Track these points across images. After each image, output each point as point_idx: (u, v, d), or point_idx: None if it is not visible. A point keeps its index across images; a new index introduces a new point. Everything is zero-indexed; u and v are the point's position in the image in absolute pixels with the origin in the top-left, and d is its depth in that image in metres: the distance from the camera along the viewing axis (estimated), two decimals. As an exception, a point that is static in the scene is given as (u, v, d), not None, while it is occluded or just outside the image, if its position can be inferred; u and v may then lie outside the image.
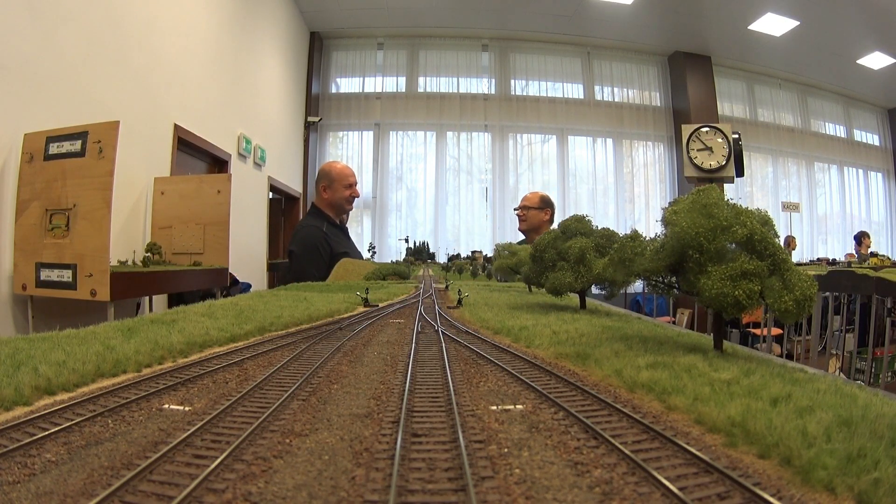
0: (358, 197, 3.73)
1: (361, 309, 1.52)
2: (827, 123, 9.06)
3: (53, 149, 2.91)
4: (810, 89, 8.82)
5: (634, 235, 1.01)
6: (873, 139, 9.35)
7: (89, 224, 2.80)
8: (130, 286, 3.03)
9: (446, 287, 2.23)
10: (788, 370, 0.95)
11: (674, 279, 1.12)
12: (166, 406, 0.70)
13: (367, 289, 1.60)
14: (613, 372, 0.79)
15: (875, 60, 8.05)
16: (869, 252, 7.23)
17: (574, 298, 1.68)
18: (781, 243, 1.09)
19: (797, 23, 7.30)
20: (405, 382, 0.70)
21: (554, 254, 1.47)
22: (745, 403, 0.69)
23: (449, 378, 0.72)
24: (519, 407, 0.62)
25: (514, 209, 4.23)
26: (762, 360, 1.05)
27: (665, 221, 0.99)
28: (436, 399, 0.64)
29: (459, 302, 1.56)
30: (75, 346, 1.01)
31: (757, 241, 1.04)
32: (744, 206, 1.09)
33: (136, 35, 3.77)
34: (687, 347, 1.04)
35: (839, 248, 8.48)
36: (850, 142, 9.10)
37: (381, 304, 1.60)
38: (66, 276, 2.83)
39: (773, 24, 7.35)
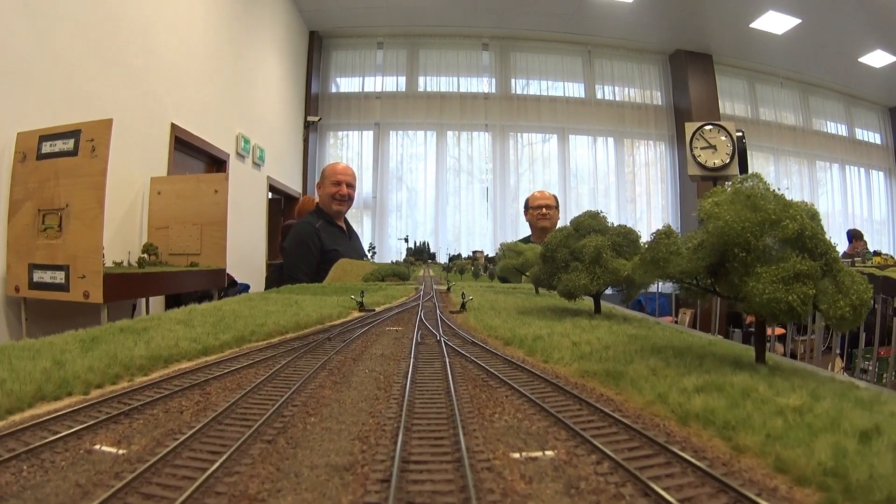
0: (345, 195, 3.59)
1: (356, 314, 1.37)
2: (828, 122, 8.89)
3: (46, 148, 2.84)
4: (812, 88, 8.65)
5: (668, 231, 0.85)
6: (875, 138, 9.18)
7: (82, 224, 2.72)
8: (124, 288, 2.93)
9: (448, 289, 2.07)
10: (843, 385, 0.81)
11: (709, 282, 0.96)
12: (97, 447, 0.54)
13: (363, 292, 1.45)
14: (656, 397, 0.64)
15: (876, 59, 7.90)
16: (873, 251, 7.07)
17: (585, 301, 1.53)
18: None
19: (799, 21, 7.15)
20: (400, 414, 0.54)
21: (567, 253, 1.32)
22: (832, 442, 0.53)
23: (455, 408, 0.56)
24: (549, 454, 0.46)
25: (534, 209, 4.03)
26: (809, 374, 0.90)
27: (704, 215, 0.84)
28: (439, 442, 0.49)
29: (463, 306, 1.41)
30: (24, 361, 0.86)
31: (808, 237, 0.89)
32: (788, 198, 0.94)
33: (132, 34, 3.66)
34: (729, 361, 0.88)
35: (840, 248, 8.30)
36: (852, 140, 8.93)
37: (377, 309, 1.44)
38: (59, 277, 2.74)
39: (775, 22, 7.20)
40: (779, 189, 0.92)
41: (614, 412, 0.58)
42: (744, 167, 5.22)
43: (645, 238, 1.47)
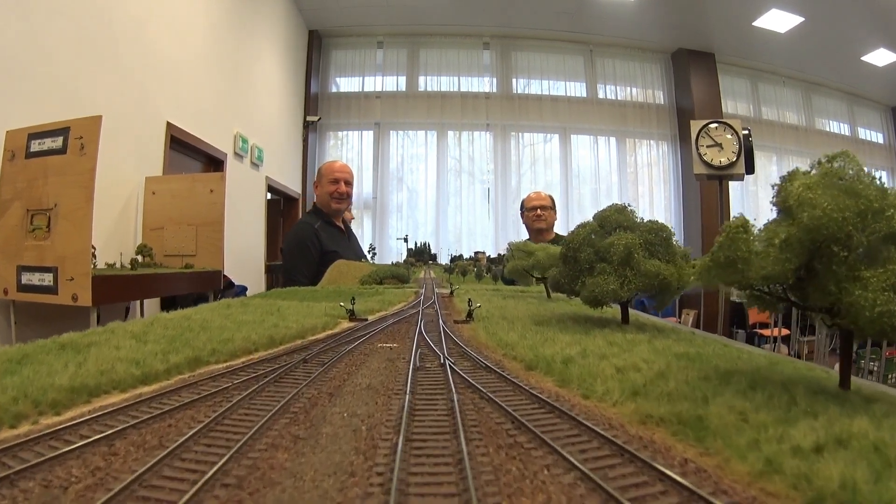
0: (344, 193, 3.41)
1: (346, 324, 1.15)
2: (831, 121, 8.66)
3: (35, 146, 2.71)
4: (814, 87, 8.42)
5: (745, 224, 0.63)
6: (877, 137, 8.95)
7: (70, 224, 2.57)
8: (115, 290, 2.77)
9: (451, 292, 1.85)
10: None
11: (780, 288, 0.75)
12: None
13: (354, 298, 1.23)
14: (765, 463, 0.42)
15: (880, 57, 7.68)
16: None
17: (607, 306, 1.31)
18: None
19: (802, 19, 6.94)
20: (386, 508, 0.33)
21: (591, 253, 1.10)
22: None
23: (472, 495, 0.34)
24: None
25: (530, 211, 3.85)
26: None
27: (794, 202, 0.62)
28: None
29: (469, 314, 1.19)
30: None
31: (909, 231, 0.68)
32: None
33: (126, 30, 3.47)
34: (816, 390, 0.67)
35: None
36: (855, 140, 8.69)
37: (370, 318, 1.23)
38: (47, 279, 2.60)
39: (778, 21, 6.99)
40: (879, 173, 0.71)
41: (716, 496, 0.37)
42: (750, 166, 5.04)
43: (679, 238, 1.27)
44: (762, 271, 0.60)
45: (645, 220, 1.20)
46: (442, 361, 0.73)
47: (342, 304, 1.20)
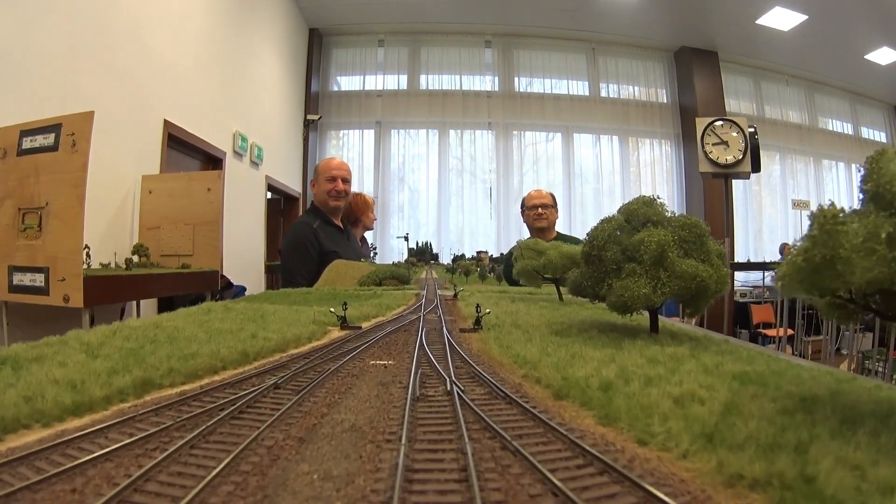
0: (341, 191, 3.26)
1: (336, 333, 1.00)
2: (834, 120, 8.49)
3: (27, 143, 2.62)
4: (817, 85, 8.25)
5: (839, 214, 0.48)
6: (880, 136, 8.78)
7: (62, 223, 2.46)
8: (107, 291, 2.65)
9: (455, 295, 1.70)
10: None
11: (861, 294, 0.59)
12: None
13: (346, 303, 1.08)
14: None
15: (883, 56, 7.53)
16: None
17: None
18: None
19: (805, 17, 6.80)
20: None
21: (618, 252, 0.95)
22: None
23: None
24: None
25: (530, 210, 3.69)
26: None
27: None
28: None
29: (477, 322, 1.03)
30: None
31: None
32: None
33: (122, 27, 3.35)
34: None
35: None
36: (858, 139, 8.52)
37: (364, 326, 1.07)
38: (39, 280, 2.49)
39: (781, 19, 6.85)
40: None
41: None
42: (756, 164, 4.90)
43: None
44: (868, 274, 0.44)
45: (676, 215, 1.04)
46: (448, 388, 0.57)
47: (332, 310, 1.05)
